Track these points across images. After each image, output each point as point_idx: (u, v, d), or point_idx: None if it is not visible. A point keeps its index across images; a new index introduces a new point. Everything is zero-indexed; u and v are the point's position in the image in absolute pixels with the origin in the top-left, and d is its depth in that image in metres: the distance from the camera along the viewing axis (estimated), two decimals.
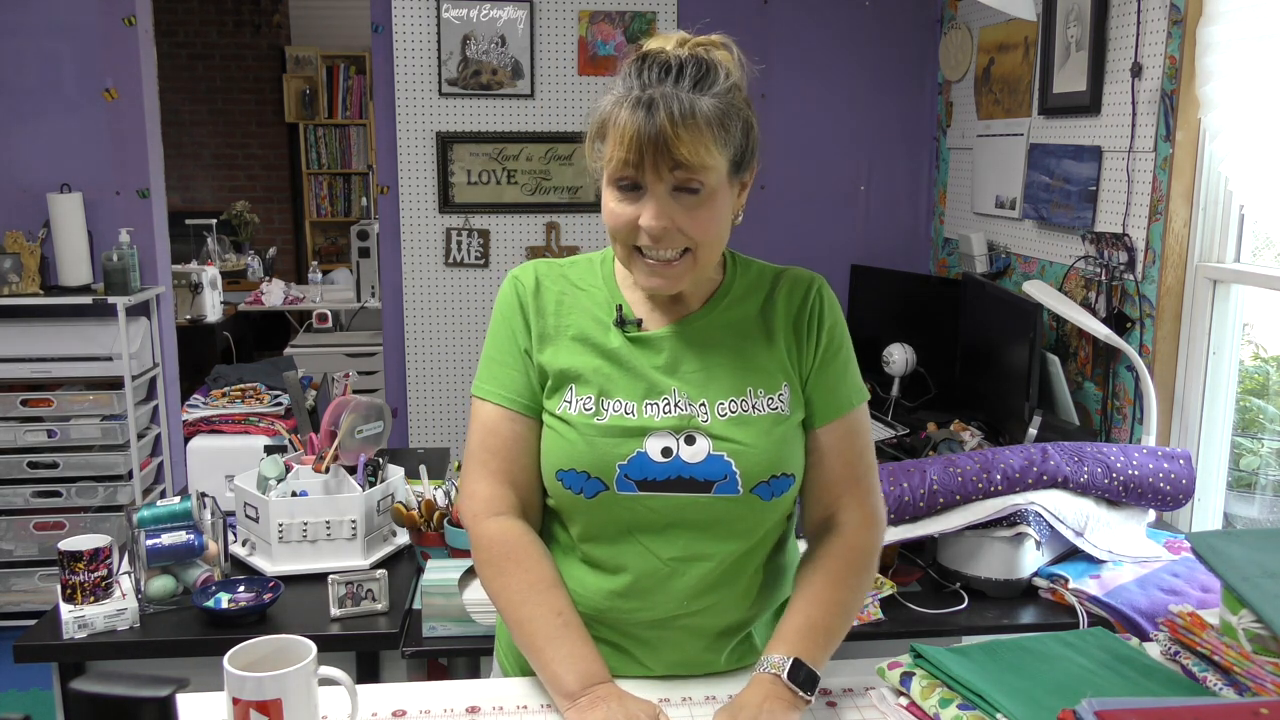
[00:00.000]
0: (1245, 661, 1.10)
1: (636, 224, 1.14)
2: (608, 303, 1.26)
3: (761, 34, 3.57)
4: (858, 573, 1.25)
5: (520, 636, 1.20)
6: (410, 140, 3.44)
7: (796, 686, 1.14)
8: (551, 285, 1.27)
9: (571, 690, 1.15)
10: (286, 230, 7.17)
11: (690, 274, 1.18)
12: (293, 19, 6.97)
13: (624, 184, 1.15)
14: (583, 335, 1.24)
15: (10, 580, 3.36)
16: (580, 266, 1.30)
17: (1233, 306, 2.26)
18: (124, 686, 0.91)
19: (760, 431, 1.20)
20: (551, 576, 1.22)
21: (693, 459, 1.18)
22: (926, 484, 1.87)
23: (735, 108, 1.15)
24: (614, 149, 1.13)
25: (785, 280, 1.28)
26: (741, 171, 1.19)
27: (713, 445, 1.19)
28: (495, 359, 1.26)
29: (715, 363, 1.23)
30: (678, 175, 1.12)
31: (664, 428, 1.19)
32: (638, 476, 1.18)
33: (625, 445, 1.18)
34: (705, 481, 1.18)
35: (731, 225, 1.22)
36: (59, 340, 3.28)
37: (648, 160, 1.11)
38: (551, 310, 1.26)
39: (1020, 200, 2.95)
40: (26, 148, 3.33)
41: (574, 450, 1.19)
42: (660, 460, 1.18)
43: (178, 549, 1.78)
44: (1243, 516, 2.38)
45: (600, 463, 1.18)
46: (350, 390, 2.34)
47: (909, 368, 3.05)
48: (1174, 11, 2.25)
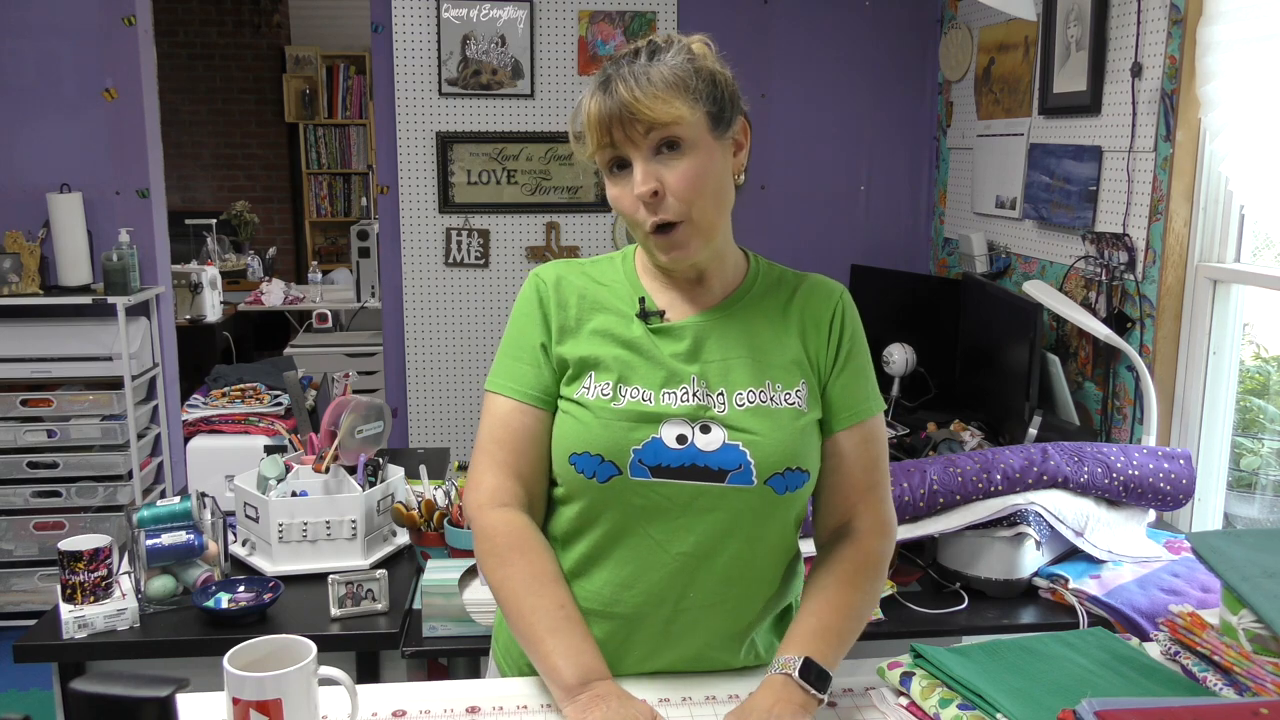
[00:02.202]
0: (1245, 661, 1.10)
1: (633, 197, 1.17)
2: (630, 297, 1.26)
3: (761, 34, 3.57)
4: (870, 578, 1.25)
5: (521, 628, 1.20)
6: (410, 140, 3.44)
7: (809, 684, 1.13)
8: (574, 281, 1.28)
9: (570, 684, 1.14)
10: (286, 230, 7.17)
11: (698, 240, 1.19)
12: (293, 19, 6.97)
13: (613, 166, 1.19)
14: (604, 328, 1.25)
15: (10, 580, 3.36)
16: (602, 265, 1.31)
17: (1233, 306, 2.26)
18: (124, 686, 0.91)
19: (778, 423, 1.20)
20: (554, 570, 1.22)
21: (707, 447, 1.18)
22: (926, 484, 1.87)
23: (696, 66, 1.18)
24: (590, 136, 1.18)
25: (809, 284, 1.30)
26: (726, 124, 1.20)
27: (728, 435, 1.19)
28: (509, 354, 1.27)
29: (735, 354, 1.23)
30: (653, 137, 1.15)
31: (680, 415, 1.19)
32: (652, 462, 1.18)
33: (640, 430, 1.18)
34: (719, 471, 1.18)
35: (735, 186, 1.24)
36: (59, 340, 3.28)
37: (618, 132, 1.15)
38: (574, 304, 1.26)
39: (1020, 200, 2.95)
40: (26, 148, 3.33)
41: (588, 433, 1.19)
42: (675, 447, 1.18)
43: (178, 549, 1.79)
44: (1243, 516, 2.38)
45: (615, 446, 1.18)
46: (350, 390, 2.35)
47: (909, 368, 3.05)
48: (1174, 11, 2.25)
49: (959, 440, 2.53)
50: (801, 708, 1.12)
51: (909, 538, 1.87)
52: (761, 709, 1.11)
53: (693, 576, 1.20)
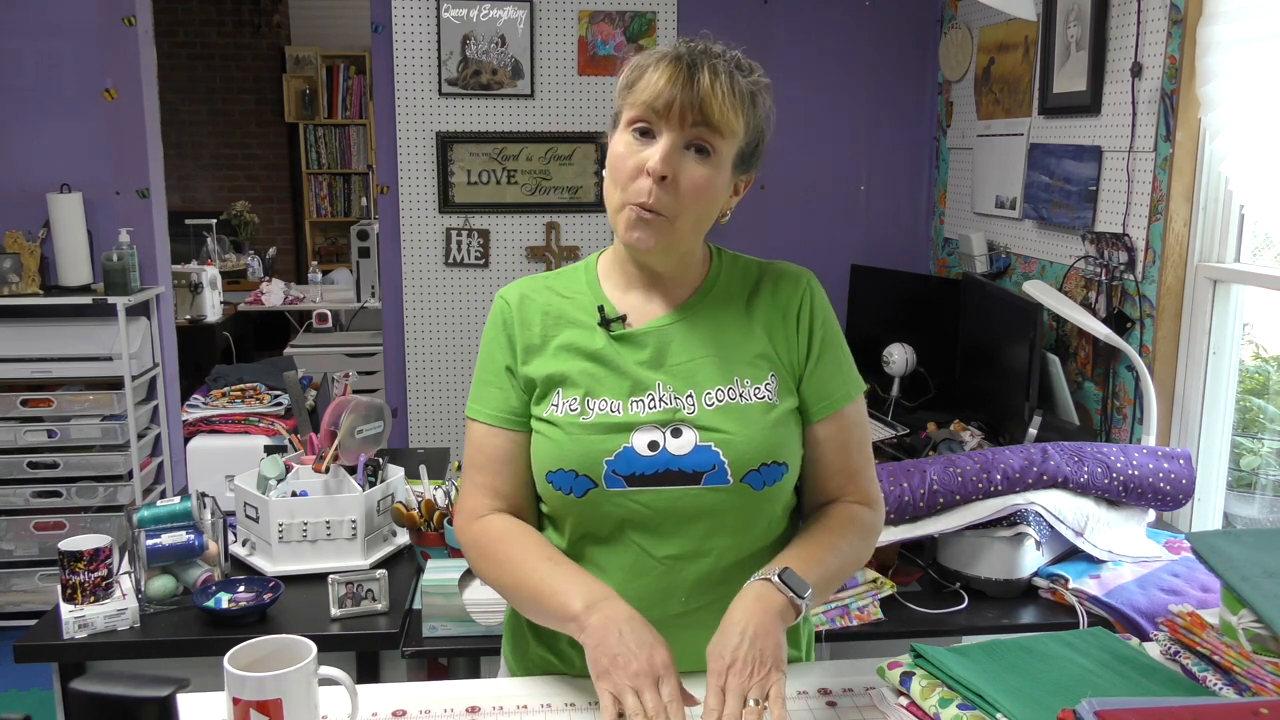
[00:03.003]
0: (1245, 661, 1.10)
1: (641, 168, 1.15)
2: (591, 306, 1.26)
3: (761, 34, 3.57)
4: (855, 531, 1.25)
5: (522, 595, 1.19)
6: (410, 140, 3.44)
7: (788, 586, 1.11)
8: (536, 299, 1.28)
9: (577, 612, 1.11)
10: (286, 230, 7.17)
11: (665, 241, 1.18)
12: (293, 19, 6.97)
13: (640, 127, 1.17)
14: (569, 343, 1.25)
15: (10, 580, 3.36)
16: (565, 276, 1.31)
17: (1233, 306, 2.26)
18: (124, 686, 0.91)
19: (748, 420, 1.20)
20: (544, 544, 1.23)
21: (680, 451, 1.18)
22: (926, 484, 1.87)
23: (763, 103, 1.21)
24: (644, 92, 1.15)
25: (773, 273, 1.29)
26: (745, 167, 1.22)
27: (700, 436, 1.18)
28: (481, 379, 1.28)
29: (701, 354, 1.23)
30: (695, 132, 1.15)
31: (649, 422, 1.19)
32: (625, 472, 1.18)
33: (611, 441, 1.18)
34: (694, 473, 1.18)
35: (717, 223, 1.24)
36: (59, 340, 3.29)
37: (675, 108, 1.13)
38: (538, 322, 1.26)
39: (1020, 200, 2.95)
40: (26, 148, 3.33)
41: (560, 450, 1.20)
42: (647, 454, 1.18)
43: (178, 549, 1.79)
44: (1243, 516, 2.38)
45: (587, 460, 1.18)
46: (350, 390, 2.34)
47: (909, 368, 3.05)
48: (1174, 11, 2.25)
49: (959, 440, 2.53)
50: (779, 614, 1.09)
51: (909, 538, 1.87)
52: (736, 625, 1.08)
53: (682, 579, 1.21)
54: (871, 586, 1.83)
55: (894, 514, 1.87)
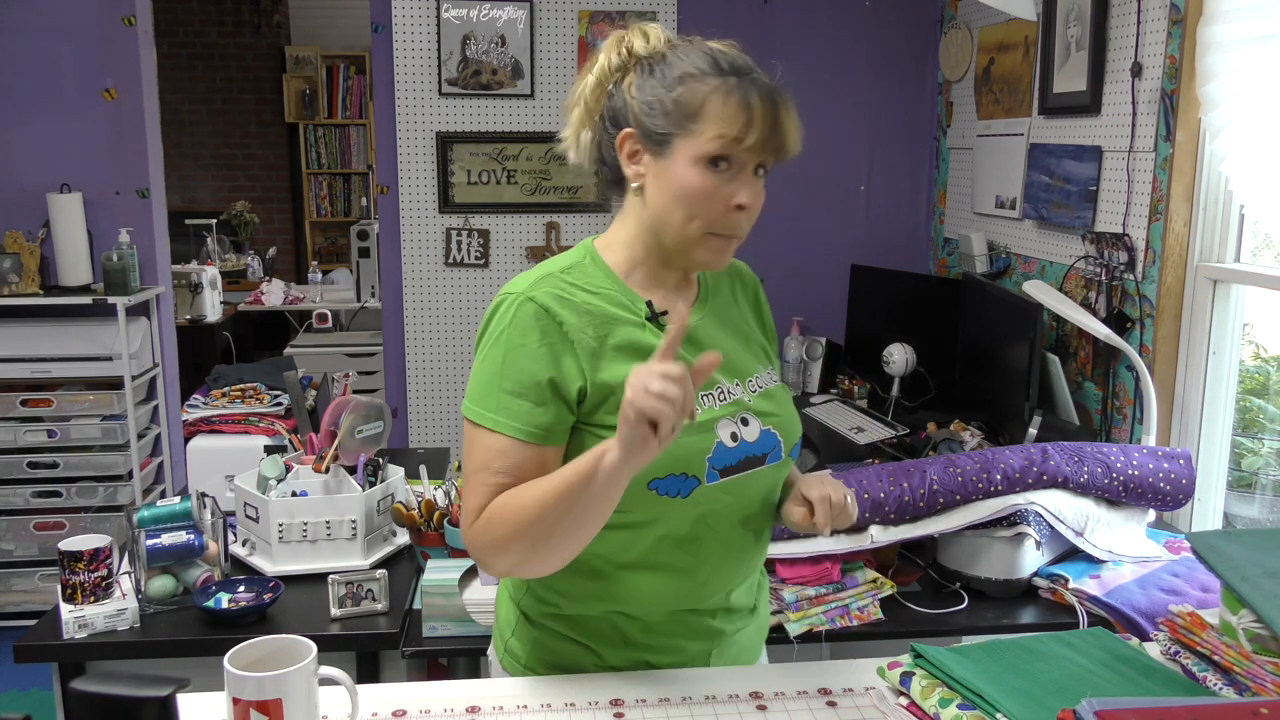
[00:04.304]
0: (1245, 661, 1.10)
1: (729, 202, 1.17)
2: (623, 301, 1.22)
3: (761, 34, 3.57)
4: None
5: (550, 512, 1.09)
6: (410, 140, 3.44)
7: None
8: (570, 299, 1.18)
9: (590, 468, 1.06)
10: (286, 230, 7.16)
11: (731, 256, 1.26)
12: (293, 19, 6.97)
13: (718, 161, 1.15)
14: (625, 342, 1.19)
15: (10, 580, 3.36)
16: (576, 272, 1.22)
17: (1233, 306, 2.25)
18: (124, 686, 0.91)
19: (783, 402, 1.30)
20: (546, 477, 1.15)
21: (751, 438, 1.23)
22: (926, 484, 1.87)
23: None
24: (727, 125, 1.14)
25: (736, 271, 1.38)
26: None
27: (762, 422, 1.25)
28: (503, 388, 1.15)
29: (731, 345, 1.29)
30: (767, 160, 1.18)
31: (725, 415, 1.22)
32: (720, 465, 1.20)
33: (704, 440, 1.19)
34: (762, 456, 1.24)
35: None
36: (59, 340, 3.28)
37: (759, 145, 1.15)
38: (587, 325, 1.18)
39: (1020, 200, 2.95)
40: (26, 148, 3.33)
41: (664, 457, 1.08)
42: (731, 445, 1.21)
43: (178, 549, 1.79)
44: (1243, 516, 2.38)
45: (690, 461, 1.17)
46: (350, 390, 2.35)
47: (909, 368, 3.05)
48: (1174, 11, 2.25)
49: (959, 440, 2.53)
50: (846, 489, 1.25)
51: (909, 538, 1.87)
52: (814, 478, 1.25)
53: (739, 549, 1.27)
54: (871, 586, 1.83)
55: (894, 514, 1.87)
